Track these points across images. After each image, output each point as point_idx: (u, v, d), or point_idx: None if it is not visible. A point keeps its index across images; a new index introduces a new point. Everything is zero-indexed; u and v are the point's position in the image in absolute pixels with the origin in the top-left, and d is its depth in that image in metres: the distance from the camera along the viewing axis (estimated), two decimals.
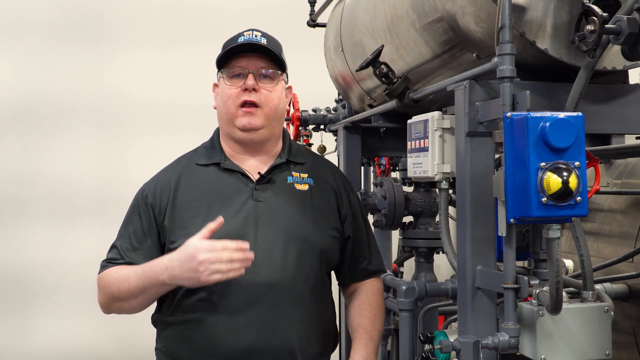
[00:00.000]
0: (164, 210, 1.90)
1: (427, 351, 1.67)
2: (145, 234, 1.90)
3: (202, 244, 1.70)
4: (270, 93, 1.91)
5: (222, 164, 1.94)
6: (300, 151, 2.07)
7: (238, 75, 1.91)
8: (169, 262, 1.75)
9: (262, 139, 1.94)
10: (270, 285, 1.83)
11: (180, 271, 1.72)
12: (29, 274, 4.72)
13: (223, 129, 1.98)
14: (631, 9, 1.43)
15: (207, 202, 1.88)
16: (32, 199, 4.77)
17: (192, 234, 1.81)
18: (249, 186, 1.92)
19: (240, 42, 1.91)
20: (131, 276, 1.82)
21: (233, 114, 1.90)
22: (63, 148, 4.84)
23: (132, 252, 1.89)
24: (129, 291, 1.83)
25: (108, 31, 4.94)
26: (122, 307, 1.88)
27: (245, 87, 1.88)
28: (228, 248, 1.69)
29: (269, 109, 1.91)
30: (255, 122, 1.89)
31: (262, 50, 1.91)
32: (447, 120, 1.80)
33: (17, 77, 4.80)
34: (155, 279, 1.78)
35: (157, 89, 4.94)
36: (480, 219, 1.63)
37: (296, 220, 1.90)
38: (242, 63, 1.91)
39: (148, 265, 1.81)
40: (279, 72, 1.94)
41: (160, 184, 1.95)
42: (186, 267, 1.71)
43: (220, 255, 1.68)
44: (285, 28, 3.22)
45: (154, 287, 1.80)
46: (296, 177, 1.98)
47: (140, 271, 1.81)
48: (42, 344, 4.67)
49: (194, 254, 1.69)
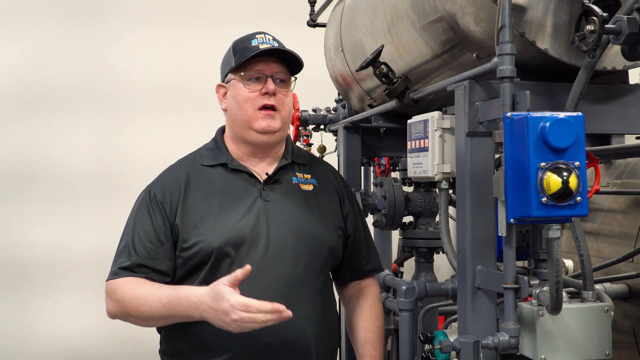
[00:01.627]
0: (175, 209, 1.89)
1: (427, 351, 1.67)
2: (160, 235, 1.87)
3: (237, 302, 1.63)
4: (286, 97, 1.95)
5: (230, 165, 1.95)
6: (301, 152, 2.10)
7: (257, 79, 1.92)
8: (200, 302, 1.70)
9: (276, 141, 1.97)
10: (284, 283, 1.84)
11: (212, 317, 1.68)
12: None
13: (235, 131, 1.98)
14: (631, 9, 1.43)
15: (217, 202, 1.89)
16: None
17: (204, 232, 1.84)
18: (256, 186, 1.93)
19: (260, 47, 1.91)
20: (152, 301, 1.77)
21: (251, 117, 1.92)
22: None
23: (152, 259, 1.85)
24: (150, 315, 1.79)
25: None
26: (137, 323, 1.86)
27: (266, 91, 1.90)
28: (263, 310, 1.63)
29: (285, 112, 1.95)
30: (274, 125, 1.91)
31: (278, 54, 1.92)
32: (447, 120, 1.80)
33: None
34: (184, 312, 1.74)
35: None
36: (480, 219, 1.63)
37: (305, 220, 1.93)
38: (260, 67, 1.92)
39: (173, 295, 1.75)
40: (293, 77, 1.97)
41: (168, 183, 1.94)
42: (219, 317, 1.67)
43: (255, 317, 1.62)
44: (285, 28, 3.23)
45: (180, 318, 1.78)
46: (300, 178, 2.01)
47: (165, 300, 1.76)
48: (43, 344, 4.67)
49: (228, 310, 1.64)
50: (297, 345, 1.85)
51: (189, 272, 1.88)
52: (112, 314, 1.88)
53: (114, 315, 1.88)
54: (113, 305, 1.86)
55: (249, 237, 1.85)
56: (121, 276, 1.85)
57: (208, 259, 1.85)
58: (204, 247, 1.84)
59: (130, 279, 1.84)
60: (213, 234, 1.84)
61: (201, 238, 1.85)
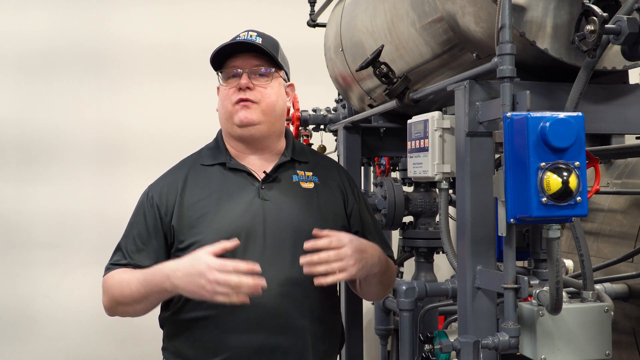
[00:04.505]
0: (170, 210, 1.90)
1: (427, 351, 1.67)
2: (151, 235, 1.90)
3: (213, 262, 1.67)
4: (266, 90, 1.92)
5: (228, 164, 1.95)
6: (304, 150, 2.09)
7: (234, 75, 1.92)
8: (172, 271, 1.74)
9: (261, 134, 1.94)
10: (281, 282, 1.83)
11: (184, 283, 1.71)
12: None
13: (224, 128, 2.00)
14: (631, 9, 1.43)
15: (214, 201, 1.89)
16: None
17: (201, 233, 1.83)
18: (255, 185, 1.93)
19: (230, 42, 1.92)
20: (133, 281, 1.81)
21: (230, 112, 1.92)
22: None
23: (137, 254, 1.89)
24: (132, 296, 1.82)
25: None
26: (126, 310, 1.88)
27: (239, 87, 1.89)
28: (239, 270, 1.67)
29: (265, 105, 1.92)
30: (251, 117, 1.90)
31: (256, 48, 1.92)
32: (447, 120, 1.80)
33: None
34: (157, 286, 1.77)
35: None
36: (480, 219, 1.63)
37: (304, 219, 1.91)
38: (237, 63, 1.93)
39: (150, 271, 1.80)
40: (274, 69, 1.95)
41: (167, 184, 1.95)
42: (192, 281, 1.69)
43: (229, 278, 1.66)
44: (286, 28, 3.23)
45: (155, 293, 1.80)
46: (301, 176, 1.99)
47: (142, 277, 1.80)
48: (43, 345, 4.67)
49: (203, 271, 1.66)
50: (294, 344, 1.85)
51: None
52: (106, 308, 1.92)
53: (107, 308, 1.92)
54: (105, 298, 1.90)
55: (245, 237, 1.84)
56: (111, 271, 1.89)
57: None
58: (199, 247, 1.82)
59: (119, 269, 1.88)
60: (209, 234, 1.84)
61: (197, 238, 1.84)
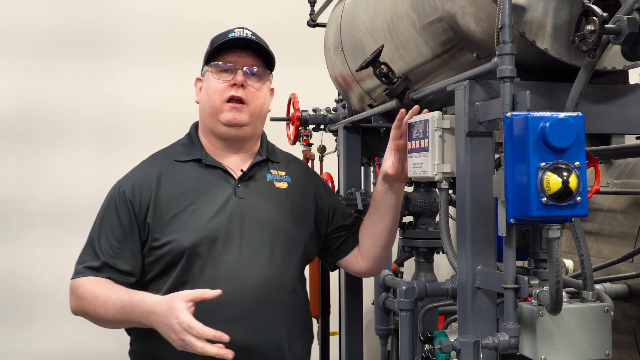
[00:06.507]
0: (145, 207, 1.85)
1: (427, 351, 1.67)
2: (126, 234, 1.85)
3: (184, 321, 1.63)
4: (258, 91, 1.91)
5: (204, 160, 1.92)
6: (274, 150, 2.09)
7: (227, 70, 1.90)
8: (151, 312, 1.70)
9: (244, 136, 1.94)
10: (258, 283, 1.82)
11: (160, 327, 1.70)
12: (29, 277, 4.69)
13: (204, 123, 1.96)
14: (631, 9, 1.42)
15: (191, 199, 1.86)
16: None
17: (177, 231, 1.81)
18: (230, 183, 1.91)
19: (231, 37, 1.91)
20: (109, 304, 1.77)
21: (218, 109, 1.90)
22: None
23: (115, 258, 1.83)
24: (106, 318, 1.79)
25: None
26: (96, 323, 1.86)
27: (234, 83, 1.88)
28: (205, 335, 1.63)
29: (254, 107, 1.91)
30: (240, 118, 1.89)
31: (253, 47, 1.91)
32: (447, 120, 1.80)
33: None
34: (137, 320, 1.75)
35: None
36: (480, 219, 1.63)
37: (279, 218, 1.91)
38: (232, 59, 1.91)
39: (127, 301, 1.75)
40: (268, 71, 1.94)
41: (139, 180, 1.89)
42: (165, 330, 1.68)
43: (194, 342, 1.62)
44: (286, 28, 3.23)
45: (134, 324, 1.79)
46: (275, 175, 1.99)
47: (120, 305, 1.76)
48: (43, 345, 4.67)
49: (174, 327, 1.64)
50: (271, 344, 1.84)
51: (161, 273, 1.85)
52: (74, 311, 1.89)
53: (75, 312, 1.88)
54: (75, 303, 1.86)
55: (223, 236, 1.81)
56: (84, 275, 1.84)
57: (179, 259, 1.81)
58: (175, 246, 1.81)
59: (91, 278, 1.83)
60: (185, 233, 1.81)
61: (173, 237, 1.81)
